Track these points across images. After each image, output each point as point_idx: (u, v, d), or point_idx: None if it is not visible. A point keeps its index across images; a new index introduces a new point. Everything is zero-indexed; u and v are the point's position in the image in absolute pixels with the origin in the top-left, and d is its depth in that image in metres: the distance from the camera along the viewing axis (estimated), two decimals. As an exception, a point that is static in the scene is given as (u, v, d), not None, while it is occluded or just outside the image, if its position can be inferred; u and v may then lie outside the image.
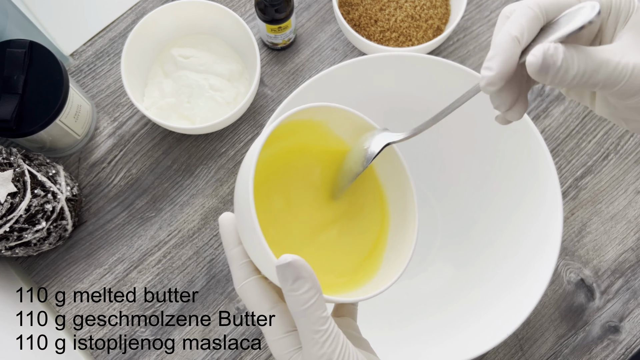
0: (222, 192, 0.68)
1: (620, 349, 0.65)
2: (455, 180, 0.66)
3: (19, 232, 0.57)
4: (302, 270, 0.32)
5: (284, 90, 0.71)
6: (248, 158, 0.36)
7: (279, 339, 0.34)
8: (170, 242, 0.66)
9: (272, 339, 0.34)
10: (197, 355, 0.64)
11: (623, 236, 0.68)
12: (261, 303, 0.35)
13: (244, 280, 0.36)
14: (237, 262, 0.36)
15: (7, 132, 0.58)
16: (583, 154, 0.70)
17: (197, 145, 0.69)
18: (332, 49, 0.72)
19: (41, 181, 0.58)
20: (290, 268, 0.32)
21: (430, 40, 0.66)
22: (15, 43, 0.59)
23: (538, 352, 0.65)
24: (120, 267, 0.66)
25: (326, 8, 0.73)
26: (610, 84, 0.31)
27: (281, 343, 0.34)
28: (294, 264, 0.32)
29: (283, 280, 0.32)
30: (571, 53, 0.30)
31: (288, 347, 0.34)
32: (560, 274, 0.66)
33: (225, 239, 0.37)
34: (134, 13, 0.73)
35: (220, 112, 0.66)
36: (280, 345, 0.34)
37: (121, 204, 0.67)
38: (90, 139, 0.69)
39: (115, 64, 0.71)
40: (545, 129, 0.70)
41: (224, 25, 0.67)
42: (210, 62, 0.67)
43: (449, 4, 0.70)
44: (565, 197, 0.69)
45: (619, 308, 0.66)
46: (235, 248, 0.37)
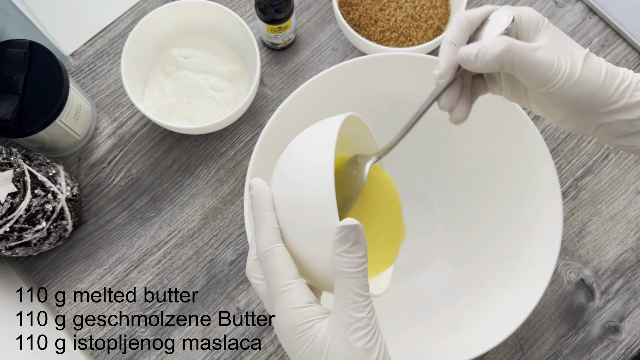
0: (222, 192, 0.68)
1: (620, 349, 0.65)
2: (455, 181, 0.66)
3: (19, 232, 0.57)
4: (361, 237, 0.33)
5: (284, 90, 0.71)
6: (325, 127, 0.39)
7: (301, 307, 0.34)
8: (170, 242, 0.66)
9: (292, 306, 0.34)
10: (197, 355, 0.64)
11: (623, 236, 0.68)
12: (288, 269, 0.35)
13: (273, 245, 0.36)
14: (269, 226, 0.36)
15: (7, 132, 0.58)
16: (583, 154, 0.70)
17: (197, 145, 0.69)
18: (332, 49, 0.72)
19: (41, 181, 0.58)
20: (354, 231, 0.33)
21: (430, 40, 0.66)
22: (15, 43, 0.59)
23: (538, 352, 0.65)
24: (120, 267, 0.66)
25: (326, 8, 0.73)
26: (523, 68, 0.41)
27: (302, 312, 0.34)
28: (358, 228, 0.33)
29: (343, 241, 0.33)
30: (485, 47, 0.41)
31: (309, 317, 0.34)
32: (560, 274, 0.66)
33: (259, 201, 0.37)
34: (134, 13, 0.73)
35: (220, 112, 0.66)
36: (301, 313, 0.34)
37: (121, 204, 0.67)
38: (90, 139, 0.69)
39: (115, 64, 0.71)
40: (545, 129, 0.70)
41: (224, 25, 0.67)
42: (210, 62, 0.67)
43: (449, 4, 0.70)
44: (565, 197, 0.69)
45: (619, 308, 0.66)
46: (269, 211, 0.37)
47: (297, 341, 0.34)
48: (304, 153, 0.38)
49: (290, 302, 0.35)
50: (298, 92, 0.56)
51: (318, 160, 0.36)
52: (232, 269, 0.66)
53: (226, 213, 0.67)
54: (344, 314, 0.33)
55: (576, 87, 0.41)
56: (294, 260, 0.37)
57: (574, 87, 0.41)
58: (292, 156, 0.39)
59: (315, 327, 0.34)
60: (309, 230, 0.36)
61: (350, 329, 0.33)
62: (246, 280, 0.65)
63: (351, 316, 0.33)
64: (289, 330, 0.34)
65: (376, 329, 0.34)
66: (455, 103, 0.44)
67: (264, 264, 0.36)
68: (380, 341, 0.34)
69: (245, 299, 0.65)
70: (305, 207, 0.36)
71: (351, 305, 0.33)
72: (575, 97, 0.41)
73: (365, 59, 0.57)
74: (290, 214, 0.37)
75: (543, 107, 0.44)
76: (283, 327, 0.35)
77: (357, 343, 0.33)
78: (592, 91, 0.41)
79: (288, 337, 0.35)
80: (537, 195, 0.57)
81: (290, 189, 0.37)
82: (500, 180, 0.61)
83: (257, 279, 0.38)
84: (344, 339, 0.33)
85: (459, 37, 0.43)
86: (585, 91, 0.41)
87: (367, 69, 0.58)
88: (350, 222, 0.33)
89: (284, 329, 0.35)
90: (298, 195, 0.36)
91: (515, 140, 0.58)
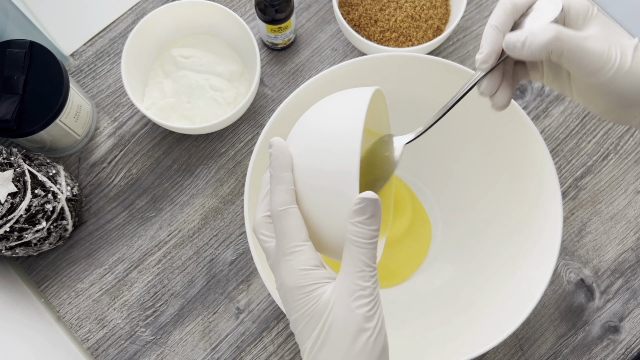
0: (222, 192, 0.68)
1: (620, 349, 0.65)
2: (455, 181, 0.66)
3: (19, 232, 0.57)
4: (378, 211, 0.35)
5: (284, 90, 0.71)
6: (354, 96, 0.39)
7: (308, 269, 0.35)
8: (170, 242, 0.66)
9: (300, 267, 0.35)
10: (197, 355, 0.64)
11: (623, 236, 0.68)
12: (300, 231, 0.36)
13: (288, 205, 0.37)
14: (287, 186, 0.37)
15: (7, 132, 0.58)
16: (583, 154, 0.70)
17: (197, 145, 0.69)
18: (332, 49, 0.72)
19: (41, 181, 0.58)
20: (373, 204, 0.34)
21: (430, 41, 0.66)
22: (15, 43, 0.59)
23: (538, 352, 0.65)
24: (120, 267, 0.66)
25: (326, 8, 0.73)
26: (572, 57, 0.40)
27: (309, 273, 0.35)
28: (378, 202, 0.34)
29: (361, 212, 0.34)
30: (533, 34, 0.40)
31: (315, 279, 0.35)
32: (560, 274, 0.67)
33: (279, 161, 0.37)
34: (134, 13, 0.73)
35: (220, 112, 0.66)
36: (308, 275, 0.35)
37: (121, 204, 0.67)
38: (90, 139, 0.69)
39: (116, 64, 0.71)
40: (545, 129, 0.70)
41: (224, 26, 0.67)
42: (210, 62, 0.67)
43: (449, 4, 0.70)
44: (565, 197, 0.69)
45: (618, 308, 0.66)
46: (288, 172, 0.37)
47: (299, 300, 0.35)
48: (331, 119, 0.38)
49: (298, 263, 0.35)
50: (298, 92, 0.56)
51: (347, 128, 0.36)
52: (232, 269, 0.66)
53: (226, 213, 0.67)
54: (349, 281, 0.34)
55: (626, 78, 0.40)
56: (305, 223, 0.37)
57: (623, 78, 0.40)
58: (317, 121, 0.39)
59: (319, 290, 0.35)
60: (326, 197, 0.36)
61: (354, 295, 0.34)
62: (246, 280, 0.65)
63: (357, 284, 0.34)
64: (294, 289, 0.35)
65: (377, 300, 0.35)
66: (496, 89, 0.44)
67: (277, 222, 0.37)
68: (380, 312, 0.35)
69: (245, 299, 0.65)
70: (327, 173, 0.36)
71: (358, 273, 0.34)
72: (624, 88, 0.40)
73: (365, 59, 0.57)
74: (309, 178, 0.37)
75: (587, 96, 0.44)
76: (288, 285, 0.36)
77: (359, 310, 0.34)
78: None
79: (291, 295, 0.35)
80: (537, 195, 0.57)
81: (313, 153, 0.37)
82: (500, 180, 0.61)
83: (265, 235, 0.38)
84: (346, 305, 0.34)
85: (504, 22, 0.42)
86: (634, 83, 0.40)
87: (367, 69, 0.58)
88: (371, 195, 0.34)
89: (289, 287, 0.36)
90: (320, 160, 0.36)
91: (515, 140, 0.58)
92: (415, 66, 0.58)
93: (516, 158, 0.59)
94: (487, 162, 0.62)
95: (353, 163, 0.35)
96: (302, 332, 0.35)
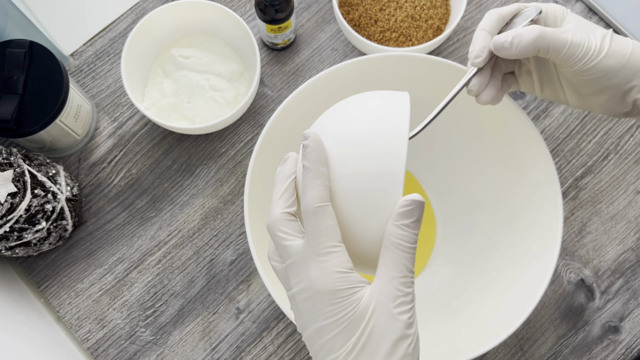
0: (222, 192, 0.68)
1: (620, 349, 0.65)
2: (454, 181, 0.66)
3: (19, 232, 0.57)
4: (422, 215, 0.34)
5: (284, 90, 0.71)
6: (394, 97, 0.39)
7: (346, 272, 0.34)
8: (170, 242, 0.66)
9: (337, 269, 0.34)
10: (197, 355, 0.64)
11: (623, 236, 0.68)
12: (336, 231, 0.35)
13: (325, 202, 0.35)
14: (324, 182, 0.35)
15: (7, 132, 0.58)
16: (583, 154, 0.70)
17: (197, 145, 0.69)
18: (332, 49, 0.72)
19: (41, 181, 0.58)
20: (420, 208, 0.34)
21: (430, 40, 0.66)
22: (15, 43, 0.59)
23: (538, 352, 0.65)
24: (120, 267, 0.66)
25: (326, 8, 0.73)
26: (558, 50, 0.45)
27: (348, 276, 0.34)
28: (423, 205, 0.34)
29: (407, 215, 0.34)
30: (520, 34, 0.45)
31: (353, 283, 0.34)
32: (560, 274, 0.66)
33: (317, 155, 0.35)
34: (134, 13, 0.73)
35: (220, 112, 0.66)
36: (347, 278, 0.34)
37: (121, 204, 0.67)
38: (90, 139, 0.69)
39: (115, 64, 0.71)
40: (545, 129, 0.70)
41: (224, 25, 0.67)
42: (210, 62, 0.67)
43: (449, 4, 0.70)
44: (565, 197, 0.69)
45: (619, 308, 0.66)
46: (325, 167, 0.35)
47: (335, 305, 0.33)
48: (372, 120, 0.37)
49: (335, 265, 0.34)
50: (298, 92, 0.56)
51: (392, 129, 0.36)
52: (232, 269, 0.66)
53: (226, 213, 0.67)
54: (391, 286, 0.33)
55: (607, 59, 0.44)
56: None
57: (605, 60, 0.44)
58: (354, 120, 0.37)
59: (358, 294, 0.34)
60: (365, 197, 0.35)
61: (397, 301, 0.33)
62: (246, 280, 0.65)
63: (399, 289, 0.33)
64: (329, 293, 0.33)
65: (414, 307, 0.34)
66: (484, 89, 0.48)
67: (311, 219, 0.34)
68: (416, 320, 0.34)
69: (245, 299, 0.65)
70: (368, 174, 0.35)
71: (401, 279, 0.34)
72: (608, 69, 0.45)
73: (365, 59, 0.57)
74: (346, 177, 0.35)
75: (579, 91, 0.48)
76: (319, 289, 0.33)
77: (401, 316, 0.33)
78: (623, 61, 0.44)
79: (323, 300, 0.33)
80: (538, 195, 0.57)
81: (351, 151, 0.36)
82: (500, 180, 0.61)
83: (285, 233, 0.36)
84: (388, 310, 0.33)
85: (492, 27, 0.47)
86: (616, 62, 0.44)
87: (367, 69, 0.58)
88: (419, 198, 0.34)
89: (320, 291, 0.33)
90: (361, 160, 0.35)
91: (515, 140, 0.58)
92: (415, 66, 0.58)
93: (516, 158, 0.59)
94: (487, 163, 0.62)
95: (399, 166, 0.34)
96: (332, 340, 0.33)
